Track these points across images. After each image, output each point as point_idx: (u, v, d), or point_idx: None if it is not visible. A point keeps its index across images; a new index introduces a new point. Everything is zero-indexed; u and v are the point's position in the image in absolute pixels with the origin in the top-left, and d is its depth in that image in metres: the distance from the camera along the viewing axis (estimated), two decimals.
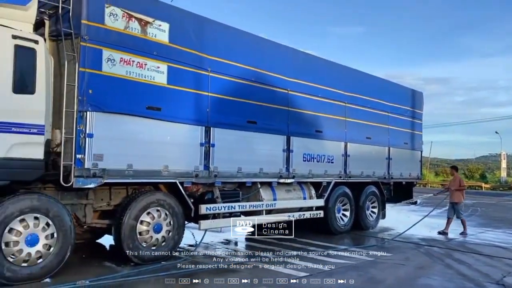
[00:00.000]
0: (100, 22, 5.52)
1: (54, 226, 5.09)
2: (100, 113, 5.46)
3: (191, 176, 6.52)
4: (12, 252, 4.79)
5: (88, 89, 5.36)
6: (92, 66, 5.43)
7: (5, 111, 4.75)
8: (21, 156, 4.85)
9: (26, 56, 4.95)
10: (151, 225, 6.02)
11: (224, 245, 7.97)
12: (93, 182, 5.41)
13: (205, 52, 6.74)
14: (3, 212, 4.73)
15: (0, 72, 4.75)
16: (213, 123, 6.77)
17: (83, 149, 5.31)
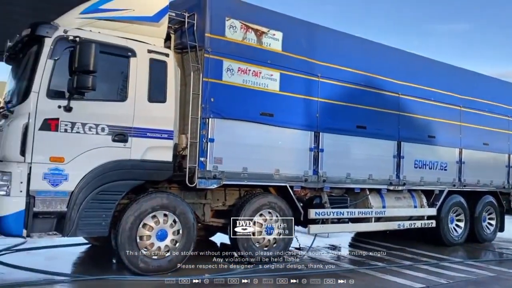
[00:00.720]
0: (221, 35, 5.91)
1: (180, 223, 5.54)
2: (220, 119, 5.83)
3: (301, 181, 6.65)
4: (145, 245, 5.31)
5: (210, 97, 5.76)
6: (214, 76, 5.82)
7: (141, 118, 5.30)
8: (154, 159, 5.38)
9: (159, 68, 5.47)
10: (263, 226, 6.25)
11: (331, 250, 7.97)
12: (214, 183, 5.80)
13: (316, 58, 6.83)
14: (139, 209, 5.28)
15: (138, 84, 5.30)
16: (322, 128, 6.83)
17: (205, 153, 5.72)
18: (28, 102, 4.69)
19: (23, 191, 4.60)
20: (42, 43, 4.81)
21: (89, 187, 4.94)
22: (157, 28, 5.58)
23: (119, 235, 5.16)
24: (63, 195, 4.80)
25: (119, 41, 5.25)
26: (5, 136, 4.70)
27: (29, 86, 4.77)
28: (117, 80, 5.27)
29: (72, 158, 4.86)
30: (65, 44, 4.86)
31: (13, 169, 4.60)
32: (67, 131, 4.85)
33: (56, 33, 4.85)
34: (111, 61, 5.14)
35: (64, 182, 4.81)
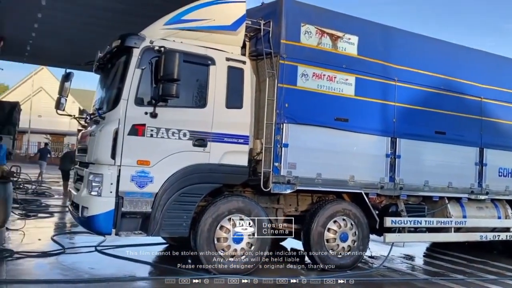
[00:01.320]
0: (296, 41, 5.95)
1: (254, 227, 5.63)
2: (294, 125, 5.86)
3: (376, 188, 6.48)
4: (223, 247, 5.46)
5: (285, 103, 5.81)
6: (289, 82, 5.87)
7: (220, 123, 5.48)
8: (231, 163, 5.53)
9: (236, 76, 5.63)
10: (337, 233, 6.17)
11: (406, 260, 7.68)
12: (288, 189, 5.83)
13: (392, 61, 6.66)
14: (216, 211, 5.44)
15: (217, 90, 5.50)
16: (399, 133, 6.62)
17: (279, 158, 5.77)
18: (118, 109, 5.03)
19: (113, 192, 4.94)
20: (130, 53, 5.14)
21: (172, 189, 5.18)
22: (234, 37, 5.75)
23: (198, 236, 5.35)
24: (149, 197, 5.08)
25: (200, 50, 5.47)
26: (97, 140, 5.07)
27: (118, 94, 5.12)
28: (197, 87, 5.49)
29: (157, 162, 5.13)
30: (151, 54, 5.15)
31: (104, 171, 4.95)
32: (153, 136, 5.14)
33: (143, 44, 5.16)
34: (192, 69, 5.36)
35: (149, 184, 5.09)
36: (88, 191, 5.08)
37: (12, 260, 5.72)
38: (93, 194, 5.00)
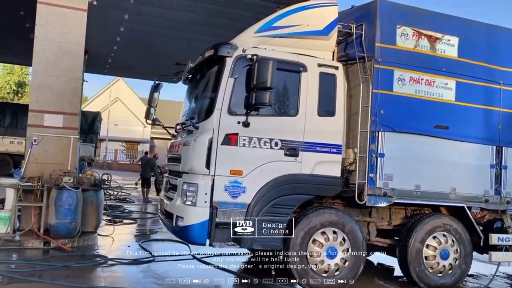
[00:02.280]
0: (392, 43, 5.60)
1: (349, 241, 5.33)
2: (390, 133, 5.51)
3: (480, 201, 5.92)
4: (316, 262, 5.21)
5: (380, 110, 5.48)
6: (384, 87, 5.53)
7: (311, 132, 5.27)
8: (323, 173, 5.29)
9: (328, 82, 5.40)
10: (437, 250, 5.69)
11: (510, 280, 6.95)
12: (384, 201, 5.48)
13: (496, 63, 6.08)
14: (308, 224, 5.21)
15: (309, 98, 5.30)
16: (506, 142, 6.03)
17: (375, 168, 5.44)
18: (212, 118, 4.99)
19: (207, 202, 4.88)
20: (223, 63, 5.09)
21: (264, 200, 5.04)
22: (326, 41, 5.53)
23: (290, 249, 5.15)
24: (241, 207, 4.97)
25: (292, 57, 5.31)
26: (191, 150, 5.06)
27: (212, 103, 5.08)
28: (289, 95, 5.33)
29: (250, 171, 5.01)
30: (244, 63, 5.07)
31: (199, 180, 4.91)
32: (245, 145, 5.03)
33: (236, 53, 5.09)
34: (283, 76, 5.21)
35: (242, 194, 4.98)
36: (183, 201, 5.07)
37: (107, 267, 5.88)
38: (187, 203, 4.98)
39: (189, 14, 12.22)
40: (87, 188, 7.20)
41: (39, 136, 7.24)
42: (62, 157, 7.37)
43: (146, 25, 13.51)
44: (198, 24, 12.94)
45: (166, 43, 15.37)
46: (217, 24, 12.80)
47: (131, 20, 12.51)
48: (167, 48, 16.01)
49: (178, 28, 13.53)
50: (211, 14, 12.05)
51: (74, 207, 6.75)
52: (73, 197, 6.74)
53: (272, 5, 11.13)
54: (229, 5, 11.42)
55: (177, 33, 14.09)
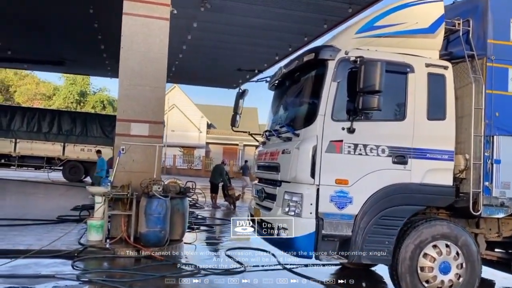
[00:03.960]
0: (506, 40, 5.13)
1: (462, 256, 4.90)
2: (507, 137, 5.03)
3: None
4: (427, 278, 4.83)
5: (495, 112, 5.02)
6: (498, 87, 5.07)
7: (421, 138, 4.92)
8: (434, 182, 4.91)
9: (437, 83, 5.03)
10: None
11: None
12: (501, 212, 5.02)
13: None
14: (418, 237, 4.85)
15: (417, 101, 4.95)
16: None
17: (490, 176, 4.99)
18: (315, 125, 4.76)
19: (313, 213, 4.65)
20: (325, 66, 4.84)
21: (372, 211, 4.74)
22: (432, 40, 5.16)
23: (399, 264, 4.81)
24: (348, 219, 4.70)
25: (397, 58, 4.99)
26: (294, 158, 4.84)
27: (314, 109, 4.84)
28: (395, 98, 5.00)
29: (356, 181, 4.74)
30: (347, 66, 4.81)
31: (304, 190, 4.70)
32: (350, 153, 4.76)
33: (338, 55, 4.84)
34: (388, 79, 4.84)
35: (349, 205, 4.71)
36: (285, 211, 4.87)
37: (201, 277, 5.81)
38: (291, 214, 4.78)
39: (257, 20, 12.16)
40: (173, 196, 7.21)
41: (126, 145, 7.35)
42: (148, 165, 7.44)
43: (213, 33, 13.63)
44: (264, 29, 12.86)
45: (229, 50, 15.46)
46: (283, 28, 12.67)
47: (199, 28, 12.64)
48: (230, 55, 16.11)
49: (244, 34, 13.54)
50: (278, 18, 11.92)
51: (163, 216, 6.77)
52: (163, 205, 6.76)
53: (343, 5, 10.82)
54: (298, 8, 11.23)
55: (241, 39, 14.11)
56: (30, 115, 20.54)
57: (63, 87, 50.81)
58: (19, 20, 13.67)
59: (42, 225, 8.43)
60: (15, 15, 13.23)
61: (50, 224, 8.49)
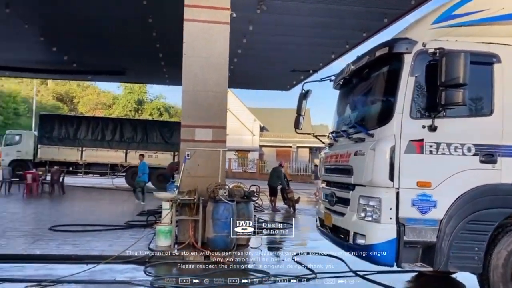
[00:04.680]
0: None
1: None
2: None
3: None
4: None
5: None
6: None
7: (511, 133, 4.48)
8: None
9: None
10: None
11: None
12: None
13: None
14: None
15: (506, 94, 4.54)
16: None
17: None
18: (391, 124, 4.47)
19: (393, 218, 4.37)
20: (401, 60, 4.54)
21: (459, 216, 4.36)
22: None
23: (491, 272, 4.40)
24: (432, 224, 4.36)
25: (481, 47, 4.58)
26: (369, 160, 4.57)
27: (389, 107, 4.55)
28: (480, 91, 4.59)
29: (439, 183, 4.38)
30: (426, 59, 4.48)
31: (382, 194, 4.42)
32: (432, 152, 4.42)
33: (415, 48, 4.52)
34: (472, 70, 4.43)
35: (432, 209, 4.37)
36: (360, 216, 4.62)
37: (272, 283, 5.67)
38: (368, 219, 4.51)
39: (312, 18, 11.91)
40: (239, 200, 7.15)
41: (191, 150, 7.39)
42: (212, 170, 7.44)
43: (267, 35, 13.53)
44: (319, 27, 12.58)
45: (284, 51, 15.30)
46: (340, 24, 12.32)
47: (255, 31, 12.58)
48: (285, 56, 15.95)
49: (298, 33, 13.32)
50: (335, 15, 11.60)
51: (230, 220, 6.71)
52: (229, 210, 6.72)
53: None
54: (356, 3, 10.84)
55: (296, 39, 13.89)
56: (94, 124, 21.53)
57: (122, 96, 53.10)
58: (83, 34, 14.32)
59: (112, 230, 8.68)
60: (79, 30, 13.88)
61: (119, 230, 8.73)
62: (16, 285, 5.21)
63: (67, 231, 8.37)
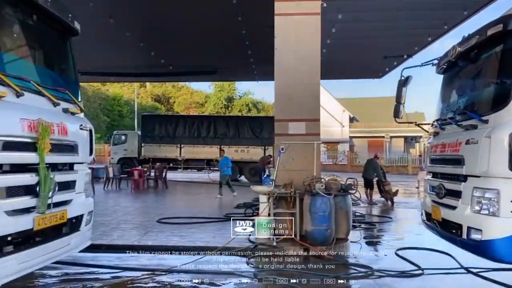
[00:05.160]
0: None
1: None
2: None
3: None
4: None
5: None
6: None
7: None
8: None
9: None
10: None
11: None
12: None
13: None
14: None
15: None
16: None
17: None
18: (509, 108, 4.04)
19: None
20: None
21: None
22: None
23: None
24: None
25: None
26: (484, 148, 4.19)
27: (506, 90, 4.12)
28: None
29: None
30: None
31: (500, 186, 4.03)
32: None
33: None
34: None
35: None
36: (475, 210, 4.26)
37: (377, 279, 5.51)
38: (484, 213, 4.15)
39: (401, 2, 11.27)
40: (336, 193, 7.03)
41: (285, 144, 7.43)
42: (307, 163, 7.42)
43: (358, 22, 13.08)
44: (413, 9, 11.81)
45: (375, 38, 14.67)
46: (437, 4, 11.46)
47: (344, 19, 12.24)
48: (376, 43, 15.29)
49: (390, 18, 12.68)
50: None
51: (328, 214, 6.66)
52: (327, 203, 6.65)
53: None
54: None
55: (388, 24, 13.24)
56: (190, 122, 22.75)
57: (213, 95, 55.35)
58: (178, 38, 15.15)
59: (213, 223, 9.10)
60: (174, 34, 14.71)
61: (220, 222, 9.12)
62: (133, 273, 5.68)
63: (173, 223, 8.95)
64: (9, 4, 4.05)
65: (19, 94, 3.72)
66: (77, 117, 4.82)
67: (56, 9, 4.50)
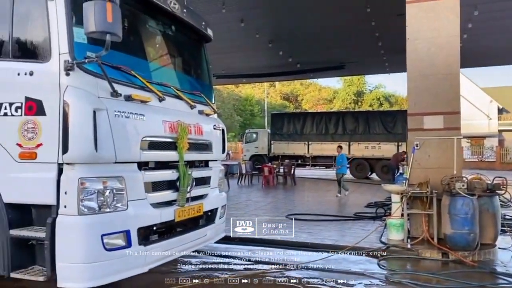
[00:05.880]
0: None
1: None
2: None
3: None
4: None
5: None
6: None
7: None
8: None
9: None
10: None
11: None
12: None
13: None
14: None
15: None
16: None
17: None
18: None
19: None
20: None
21: None
22: None
23: None
24: None
25: None
26: None
27: None
28: None
29: None
30: None
31: None
32: None
33: None
34: None
35: None
36: None
37: None
38: None
39: None
40: (480, 194, 6.30)
41: (420, 140, 6.92)
42: (445, 160, 6.79)
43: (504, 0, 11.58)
44: None
45: None
46: None
47: None
48: None
49: None
50: None
51: (471, 216, 6.00)
52: (469, 204, 5.99)
53: None
54: None
55: None
56: (318, 119, 22.71)
57: (341, 90, 54.47)
58: (305, 36, 15.27)
59: (341, 221, 8.93)
60: (301, 32, 14.86)
61: (349, 221, 8.91)
62: (263, 266, 5.89)
63: (301, 219, 9.02)
64: (152, 17, 4.53)
65: (161, 98, 4.14)
66: (211, 118, 5.18)
67: (191, 19, 4.89)
